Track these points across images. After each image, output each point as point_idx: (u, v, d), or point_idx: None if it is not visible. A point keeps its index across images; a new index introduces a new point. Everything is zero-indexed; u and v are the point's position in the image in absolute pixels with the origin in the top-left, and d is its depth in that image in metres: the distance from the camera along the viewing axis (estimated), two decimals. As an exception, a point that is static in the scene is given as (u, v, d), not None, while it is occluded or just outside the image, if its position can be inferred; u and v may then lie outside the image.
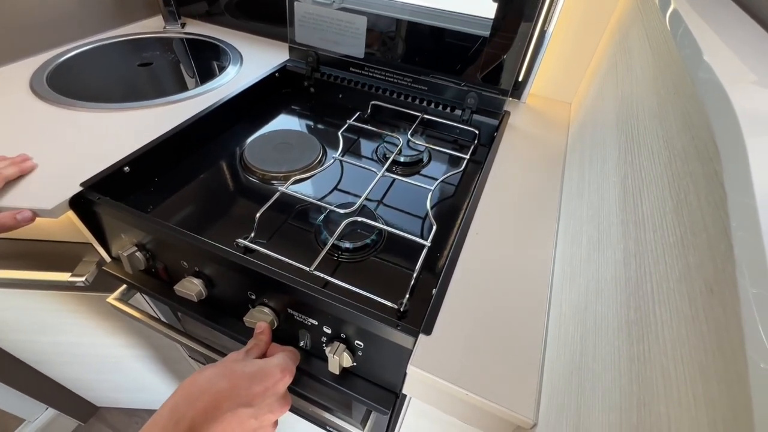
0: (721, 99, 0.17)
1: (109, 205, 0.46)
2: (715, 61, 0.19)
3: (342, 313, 0.39)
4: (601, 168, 0.39)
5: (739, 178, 0.15)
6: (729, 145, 0.16)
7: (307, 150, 0.61)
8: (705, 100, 0.18)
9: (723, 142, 0.16)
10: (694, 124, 0.21)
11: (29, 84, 0.65)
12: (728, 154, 0.15)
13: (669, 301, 0.18)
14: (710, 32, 0.23)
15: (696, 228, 0.18)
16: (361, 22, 0.68)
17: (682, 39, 0.23)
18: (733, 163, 0.16)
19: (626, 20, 0.53)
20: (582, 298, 0.31)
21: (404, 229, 0.47)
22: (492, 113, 0.67)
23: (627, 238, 0.26)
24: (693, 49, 0.21)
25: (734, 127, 0.15)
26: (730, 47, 0.21)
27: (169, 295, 0.50)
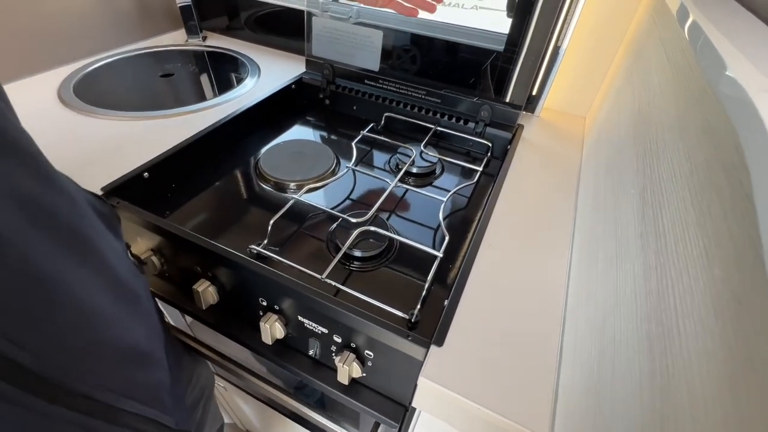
0: (747, 109, 0.17)
1: (127, 210, 0.47)
2: (739, 72, 0.19)
3: (352, 321, 0.38)
4: (618, 181, 0.38)
5: None
6: (756, 156, 0.16)
7: (321, 159, 0.62)
8: (729, 110, 0.18)
9: (750, 153, 0.16)
10: (716, 135, 0.21)
11: (57, 92, 0.68)
12: (756, 164, 0.15)
13: (694, 313, 0.18)
14: (730, 43, 0.23)
15: (721, 239, 0.18)
16: (376, 37, 0.70)
17: (702, 51, 0.23)
18: (762, 173, 0.15)
19: (642, 33, 0.53)
20: (599, 312, 0.30)
21: (416, 240, 0.47)
22: (505, 126, 0.68)
23: (647, 250, 0.25)
24: (715, 61, 0.21)
25: (762, 137, 0.15)
26: (751, 58, 0.21)
27: (181, 300, 0.50)
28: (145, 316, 0.32)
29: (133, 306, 0.30)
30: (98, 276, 0.26)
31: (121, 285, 0.29)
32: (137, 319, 0.30)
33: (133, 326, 0.29)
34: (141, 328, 0.30)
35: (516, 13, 0.62)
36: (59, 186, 0.25)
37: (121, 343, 0.27)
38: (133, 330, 0.29)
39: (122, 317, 0.28)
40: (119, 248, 0.32)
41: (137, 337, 0.29)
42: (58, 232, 0.23)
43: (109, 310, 0.27)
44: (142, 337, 0.30)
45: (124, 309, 0.28)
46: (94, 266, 0.26)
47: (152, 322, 0.33)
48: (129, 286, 0.30)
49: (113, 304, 0.27)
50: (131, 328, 0.29)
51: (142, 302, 0.32)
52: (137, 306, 0.30)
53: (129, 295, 0.30)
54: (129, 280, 0.30)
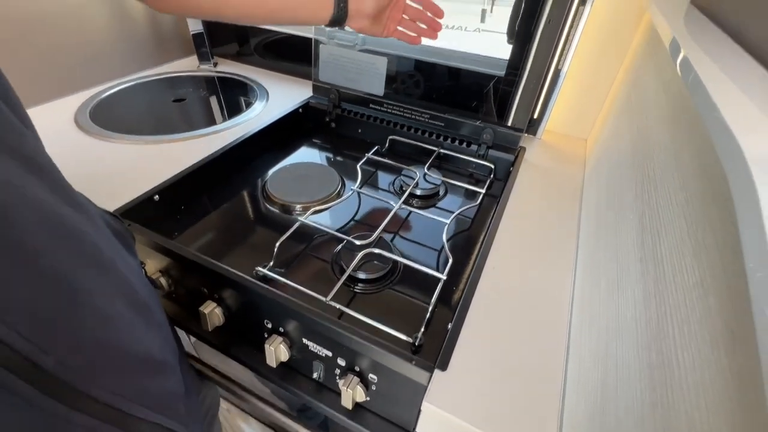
0: (733, 149, 0.17)
1: (137, 231, 0.48)
2: (727, 111, 0.20)
3: (356, 345, 0.39)
4: (618, 206, 0.39)
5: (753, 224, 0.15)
6: (743, 195, 0.16)
7: (326, 182, 0.63)
8: (718, 148, 0.18)
9: (737, 191, 0.16)
10: (708, 168, 0.22)
11: (74, 117, 0.71)
12: (742, 204, 0.16)
13: (691, 344, 0.18)
14: (720, 80, 0.23)
15: (714, 270, 0.18)
16: (381, 63, 0.72)
17: (693, 86, 0.24)
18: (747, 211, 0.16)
19: (639, 60, 0.55)
20: (602, 337, 0.30)
21: (420, 262, 0.47)
22: (508, 149, 0.69)
23: (646, 276, 0.26)
24: (704, 99, 0.21)
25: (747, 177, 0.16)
26: (741, 96, 0.22)
27: (187, 321, 0.51)
28: (159, 327, 0.33)
29: (147, 317, 0.31)
30: (115, 286, 0.28)
31: (135, 296, 0.30)
32: (151, 330, 0.31)
33: (147, 336, 0.30)
34: (155, 338, 0.31)
35: (516, 38, 0.64)
36: (79, 205, 0.27)
37: (136, 351, 0.29)
38: (147, 339, 0.30)
39: (137, 326, 0.29)
40: (133, 264, 0.34)
41: (151, 346, 0.30)
42: (80, 245, 0.25)
43: (126, 319, 0.28)
44: (156, 346, 0.31)
45: (139, 319, 0.30)
46: (111, 277, 0.27)
47: (165, 333, 0.34)
48: (143, 299, 0.31)
49: (129, 313, 0.28)
50: (146, 337, 0.30)
51: (155, 314, 0.33)
52: (151, 317, 0.32)
53: (143, 306, 0.31)
54: (143, 293, 0.31)
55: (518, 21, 0.62)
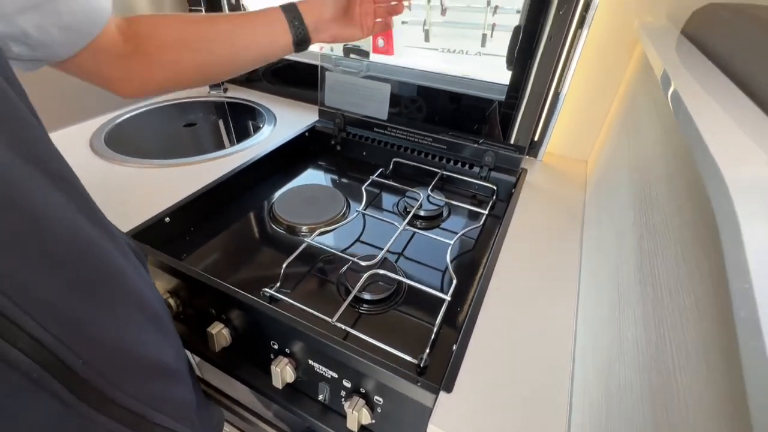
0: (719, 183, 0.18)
1: (149, 253, 0.50)
2: (713, 143, 0.21)
3: (362, 366, 0.39)
4: (618, 228, 0.40)
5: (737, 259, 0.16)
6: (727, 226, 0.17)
7: (332, 203, 0.64)
8: (705, 179, 0.19)
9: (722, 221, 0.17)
10: (700, 197, 0.23)
11: (89, 142, 0.73)
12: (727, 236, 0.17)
13: (688, 366, 0.19)
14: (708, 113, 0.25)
15: (708, 295, 0.19)
16: (385, 89, 0.75)
17: (683, 120, 0.25)
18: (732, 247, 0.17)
19: (635, 86, 0.56)
20: (605, 357, 0.30)
21: (424, 283, 0.48)
22: (509, 171, 0.70)
23: (645, 298, 0.26)
24: (693, 133, 0.23)
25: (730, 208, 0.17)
26: (728, 127, 0.23)
27: (195, 343, 0.51)
28: (172, 338, 0.35)
29: (162, 329, 0.33)
30: (133, 299, 0.29)
31: (152, 309, 0.32)
32: (167, 341, 0.33)
33: (163, 345, 0.32)
34: (169, 348, 0.33)
35: (515, 64, 0.66)
36: (102, 223, 0.29)
37: (154, 359, 0.30)
38: (163, 348, 0.32)
39: (154, 336, 0.31)
40: (149, 280, 0.36)
41: (167, 355, 0.32)
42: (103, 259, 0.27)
43: (143, 328, 0.30)
44: (171, 356, 0.33)
45: (155, 330, 0.31)
46: (130, 291, 0.29)
47: (178, 345, 0.36)
48: (158, 312, 0.33)
49: (146, 324, 0.30)
50: (162, 346, 0.32)
51: (168, 327, 0.35)
52: (165, 329, 0.33)
53: (158, 319, 0.32)
54: (158, 307, 0.33)
55: (517, 47, 0.65)
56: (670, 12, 0.56)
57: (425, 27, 1.70)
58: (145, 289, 0.31)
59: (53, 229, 0.23)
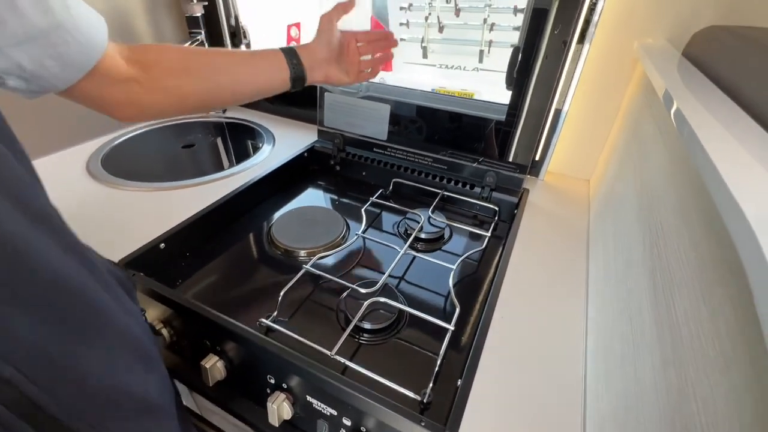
0: (738, 215, 0.17)
1: (142, 282, 0.48)
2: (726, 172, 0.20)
3: (362, 403, 0.37)
4: (627, 256, 0.38)
5: None
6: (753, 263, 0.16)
7: (331, 226, 0.63)
8: (722, 213, 0.18)
9: (749, 263, 0.16)
10: (718, 231, 0.22)
11: (86, 165, 0.73)
12: (756, 277, 0.15)
13: (719, 427, 0.17)
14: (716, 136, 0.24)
15: (736, 346, 0.17)
16: (384, 109, 0.74)
17: (689, 142, 0.24)
18: (762, 282, 0.15)
19: (636, 106, 0.56)
20: (620, 402, 0.29)
21: (427, 310, 0.46)
22: (511, 191, 0.69)
23: (663, 342, 0.25)
24: (704, 159, 0.22)
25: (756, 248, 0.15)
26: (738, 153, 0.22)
27: (189, 376, 0.49)
28: (157, 372, 0.34)
29: (147, 363, 0.32)
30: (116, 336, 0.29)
31: (136, 344, 0.31)
32: (150, 375, 0.32)
33: (146, 380, 0.31)
34: (154, 382, 0.32)
35: (515, 83, 0.66)
36: (84, 257, 0.28)
37: (136, 395, 0.29)
38: (147, 383, 0.31)
39: (137, 372, 0.30)
40: (135, 311, 0.35)
41: (151, 390, 0.31)
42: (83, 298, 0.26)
43: (126, 365, 0.29)
44: (155, 390, 0.32)
45: (139, 365, 0.31)
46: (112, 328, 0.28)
47: (163, 378, 0.35)
48: (144, 345, 0.32)
49: (129, 359, 0.30)
50: (146, 381, 0.31)
51: (154, 360, 0.34)
52: (150, 363, 0.33)
53: (143, 353, 0.32)
54: (144, 340, 0.32)
55: (516, 66, 0.64)
56: (669, 33, 0.56)
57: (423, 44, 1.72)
58: (129, 321, 0.31)
59: (32, 269, 0.22)
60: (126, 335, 0.30)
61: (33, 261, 0.22)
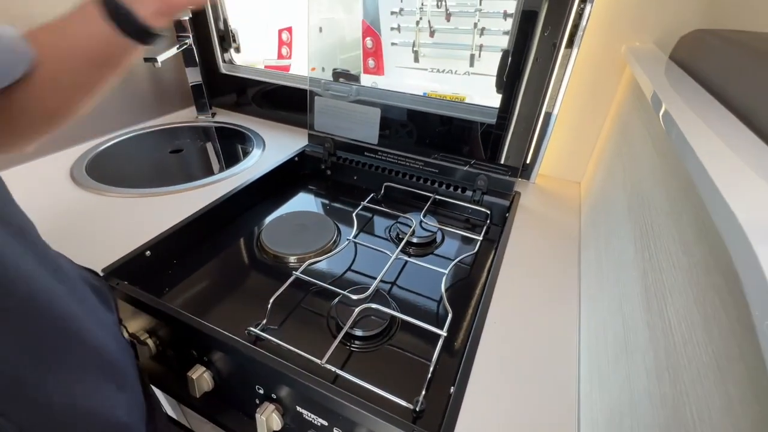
0: (730, 219, 0.17)
1: (126, 290, 0.47)
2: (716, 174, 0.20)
3: (353, 413, 0.36)
4: (618, 258, 0.38)
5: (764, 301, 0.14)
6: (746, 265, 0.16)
7: (322, 232, 0.62)
8: (713, 216, 0.18)
9: (740, 263, 0.16)
10: (709, 234, 0.21)
11: (70, 171, 0.71)
12: (748, 277, 0.15)
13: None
14: (704, 138, 0.24)
15: (730, 353, 0.17)
16: (374, 113, 0.74)
17: (678, 143, 0.24)
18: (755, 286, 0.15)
19: (626, 109, 0.56)
20: (615, 407, 0.28)
21: (419, 316, 0.46)
22: (502, 194, 0.69)
23: (656, 344, 0.24)
24: (693, 160, 0.21)
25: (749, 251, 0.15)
26: (728, 156, 0.22)
27: (176, 387, 0.48)
28: (129, 391, 0.33)
29: (117, 380, 0.31)
30: (84, 353, 0.28)
31: (107, 359, 0.30)
32: (121, 392, 0.31)
33: (115, 398, 0.30)
34: (124, 402, 0.31)
35: (505, 87, 0.66)
36: (54, 268, 0.26)
37: (103, 415, 0.28)
38: (116, 401, 0.30)
39: (105, 391, 0.29)
40: (110, 322, 0.33)
41: (119, 408, 0.30)
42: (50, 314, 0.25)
43: (94, 384, 0.28)
44: (123, 408, 0.31)
45: (108, 383, 0.30)
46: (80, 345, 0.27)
47: (136, 394, 0.34)
48: (115, 361, 0.31)
49: (97, 378, 0.28)
50: (115, 398, 0.30)
51: (126, 376, 0.33)
52: (121, 380, 0.32)
53: (114, 369, 0.31)
54: (116, 354, 0.31)
55: (506, 70, 0.65)
56: (656, 37, 0.57)
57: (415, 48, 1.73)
58: (102, 336, 0.30)
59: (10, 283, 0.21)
60: (97, 353, 0.29)
61: (11, 274, 0.21)
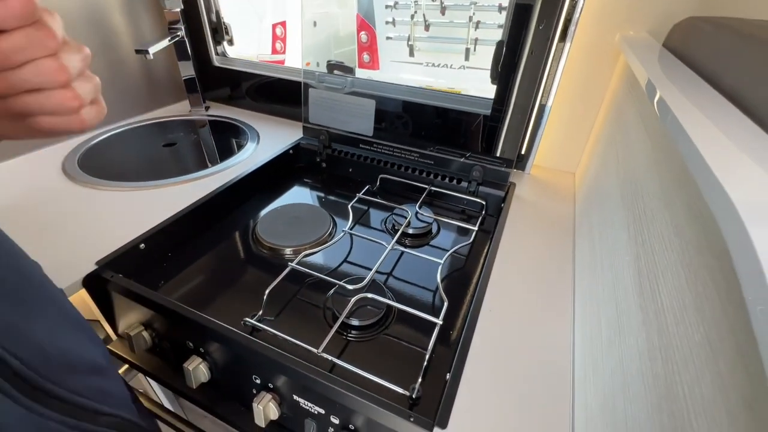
0: (722, 198, 0.17)
1: (120, 282, 0.46)
2: (709, 156, 0.20)
3: (349, 401, 0.36)
4: (612, 245, 0.38)
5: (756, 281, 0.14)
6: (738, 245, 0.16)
7: (317, 224, 0.62)
8: (706, 196, 0.18)
9: (732, 243, 0.16)
10: (701, 216, 0.21)
11: (62, 165, 0.70)
12: (739, 255, 0.15)
13: (705, 412, 0.17)
14: (698, 121, 0.24)
15: (721, 329, 0.17)
16: (369, 105, 0.74)
17: (672, 128, 0.24)
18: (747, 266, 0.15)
19: (620, 98, 0.56)
20: (608, 390, 0.28)
21: (415, 305, 0.46)
22: (498, 185, 0.69)
23: (649, 327, 0.25)
24: (686, 143, 0.21)
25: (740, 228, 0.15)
26: (721, 139, 0.22)
27: (172, 379, 0.48)
28: (98, 342, 0.36)
29: (87, 333, 0.34)
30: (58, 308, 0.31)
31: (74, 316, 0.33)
32: (93, 343, 0.34)
33: (90, 346, 0.33)
34: (96, 348, 0.35)
35: (500, 78, 0.66)
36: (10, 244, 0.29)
37: (86, 357, 0.32)
38: (91, 348, 0.33)
39: (81, 339, 0.33)
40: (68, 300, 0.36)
41: (96, 354, 0.34)
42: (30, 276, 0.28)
43: (71, 332, 0.31)
44: (99, 354, 0.34)
45: (82, 334, 0.33)
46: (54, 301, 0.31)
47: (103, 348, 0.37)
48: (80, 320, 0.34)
49: (73, 328, 0.32)
50: (89, 346, 0.33)
51: (92, 334, 0.35)
52: (90, 334, 0.34)
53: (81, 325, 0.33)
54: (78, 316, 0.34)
55: (501, 61, 0.64)
56: (650, 25, 0.57)
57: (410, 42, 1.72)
58: (63, 299, 0.33)
59: None
60: (65, 309, 0.32)
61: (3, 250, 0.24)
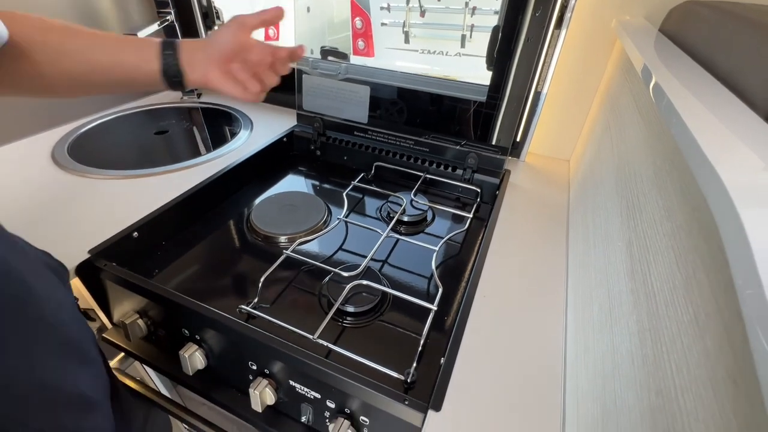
0: (714, 179, 0.17)
1: (114, 271, 0.46)
2: (702, 139, 0.20)
3: (345, 385, 0.37)
4: (605, 231, 0.39)
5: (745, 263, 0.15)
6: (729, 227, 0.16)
7: (312, 211, 0.62)
8: (698, 178, 0.18)
9: (723, 224, 0.16)
10: (692, 199, 0.22)
11: (51, 153, 0.69)
12: (729, 237, 0.15)
13: (692, 388, 0.17)
14: (693, 106, 0.24)
15: (709, 308, 0.18)
16: (364, 92, 0.73)
17: (666, 113, 0.24)
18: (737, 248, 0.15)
19: (615, 84, 0.56)
20: (598, 371, 0.29)
21: (410, 292, 0.46)
22: (493, 172, 0.69)
23: (639, 309, 0.25)
24: (680, 127, 0.21)
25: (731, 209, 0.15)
26: (714, 123, 0.22)
27: (168, 366, 0.48)
28: (90, 364, 0.33)
29: (79, 356, 0.32)
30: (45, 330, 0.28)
31: (67, 336, 0.30)
32: (83, 368, 0.32)
33: (78, 373, 0.31)
34: (86, 375, 0.32)
35: (496, 63, 0.65)
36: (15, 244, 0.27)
37: (66, 390, 0.29)
38: (78, 376, 0.31)
39: (67, 367, 0.30)
40: (67, 302, 0.34)
41: (82, 383, 0.31)
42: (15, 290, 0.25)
43: (55, 360, 0.29)
44: (86, 383, 0.32)
45: (70, 359, 0.30)
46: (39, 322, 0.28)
47: (97, 370, 0.34)
48: (75, 338, 0.32)
49: (58, 354, 0.29)
50: (76, 374, 0.31)
51: (87, 352, 0.33)
52: (82, 356, 0.32)
53: (74, 346, 0.31)
54: (75, 332, 0.32)
55: (496, 48, 0.64)
56: (647, 10, 0.56)
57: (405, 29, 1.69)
58: (61, 314, 0.30)
59: None
60: (58, 328, 0.29)
61: None
